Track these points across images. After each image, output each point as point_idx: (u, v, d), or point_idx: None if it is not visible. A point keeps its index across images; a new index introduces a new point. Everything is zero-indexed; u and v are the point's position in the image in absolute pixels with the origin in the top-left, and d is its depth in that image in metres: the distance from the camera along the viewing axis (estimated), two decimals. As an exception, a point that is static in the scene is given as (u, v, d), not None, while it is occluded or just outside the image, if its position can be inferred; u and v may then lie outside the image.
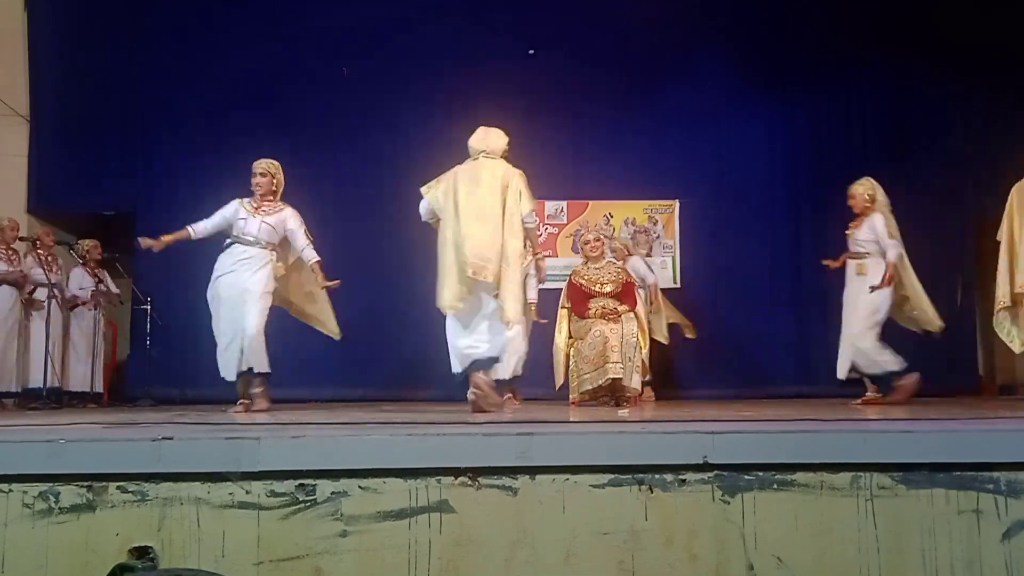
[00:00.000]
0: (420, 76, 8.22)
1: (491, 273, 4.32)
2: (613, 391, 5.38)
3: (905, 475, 2.27)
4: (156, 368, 7.54)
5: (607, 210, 8.51)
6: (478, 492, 2.25)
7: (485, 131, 4.73)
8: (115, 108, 8.33)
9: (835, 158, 8.51)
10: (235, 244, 5.10)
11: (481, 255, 4.31)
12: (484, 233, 4.35)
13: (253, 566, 2.19)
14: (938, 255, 8.36)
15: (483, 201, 4.41)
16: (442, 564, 2.21)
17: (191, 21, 8.31)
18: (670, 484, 2.26)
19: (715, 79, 8.46)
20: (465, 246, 4.33)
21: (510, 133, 4.83)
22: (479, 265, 4.31)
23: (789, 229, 8.52)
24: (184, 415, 4.35)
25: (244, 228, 5.10)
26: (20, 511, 2.19)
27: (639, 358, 5.47)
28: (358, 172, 8.18)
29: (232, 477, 2.22)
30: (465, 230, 4.35)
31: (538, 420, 3.23)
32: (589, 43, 8.35)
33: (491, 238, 4.35)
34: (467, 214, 4.38)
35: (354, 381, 7.89)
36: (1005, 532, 2.25)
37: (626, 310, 5.53)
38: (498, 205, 4.39)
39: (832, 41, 8.43)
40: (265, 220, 5.14)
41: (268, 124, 7.99)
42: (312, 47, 8.33)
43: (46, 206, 8.18)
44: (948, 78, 8.33)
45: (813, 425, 2.78)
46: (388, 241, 7.91)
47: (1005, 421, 3.20)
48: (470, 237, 4.34)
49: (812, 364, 8.16)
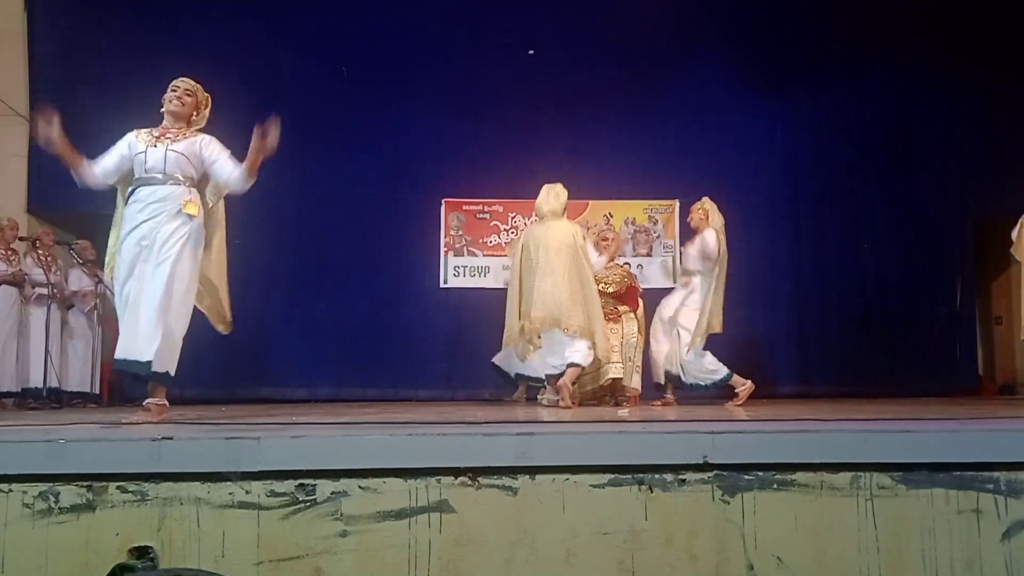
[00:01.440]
0: (420, 76, 8.22)
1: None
2: (613, 391, 5.39)
3: (905, 475, 2.27)
4: (156, 368, 7.53)
5: (607, 210, 8.50)
6: (478, 492, 2.25)
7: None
8: (115, 108, 8.31)
9: (835, 158, 8.52)
10: (140, 188, 3.82)
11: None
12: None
13: (253, 566, 2.19)
14: (938, 255, 8.38)
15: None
16: (442, 564, 2.21)
17: (191, 21, 8.30)
18: (670, 484, 2.26)
19: (715, 79, 8.46)
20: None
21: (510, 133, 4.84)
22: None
23: (789, 229, 8.51)
24: (184, 415, 4.34)
25: (145, 163, 3.82)
26: (20, 511, 2.19)
27: (639, 358, 5.48)
28: (358, 172, 8.18)
29: (232, 477, 2.22)
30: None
31: (538, 420, 3.23)
32: (589, 43, 8.34)
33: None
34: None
35: (354, 381, 7.89)
36: (1005, 532, 2.25)
37: (626, 311, 5.54)
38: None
39: (832, 42, 8.43)
40: (172, 148, 3.88)
41: (268, 124, 7.99)
42: (312, 47, 8.32)
43: (46, 206, 8.17)
44: (948, 78, 8.33)
45: (813, 425, 2.78)
46: (388, 241, 7.91)
47: (1005, 421, 3.20)
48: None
49: (812, 364, 8.17)
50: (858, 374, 8.04)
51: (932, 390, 7.53)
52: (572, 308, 4.87)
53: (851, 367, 8.12)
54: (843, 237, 8.52)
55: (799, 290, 8.40)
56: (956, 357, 8.22)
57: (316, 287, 8.05)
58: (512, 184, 8.37)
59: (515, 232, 8.51)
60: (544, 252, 4.99)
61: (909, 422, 2.90)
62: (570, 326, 4.84)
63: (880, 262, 8.46)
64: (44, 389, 6.52)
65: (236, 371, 7.41)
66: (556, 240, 5.04)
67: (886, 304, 8.37)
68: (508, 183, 8.32)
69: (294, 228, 7.96)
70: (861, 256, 8.51)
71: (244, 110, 8.12)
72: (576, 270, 4.97)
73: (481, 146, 8.26)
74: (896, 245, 8.40)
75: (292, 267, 7.90)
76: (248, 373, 7.63)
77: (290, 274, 7.88)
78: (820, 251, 8.35)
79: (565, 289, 4.90)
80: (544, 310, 4.89)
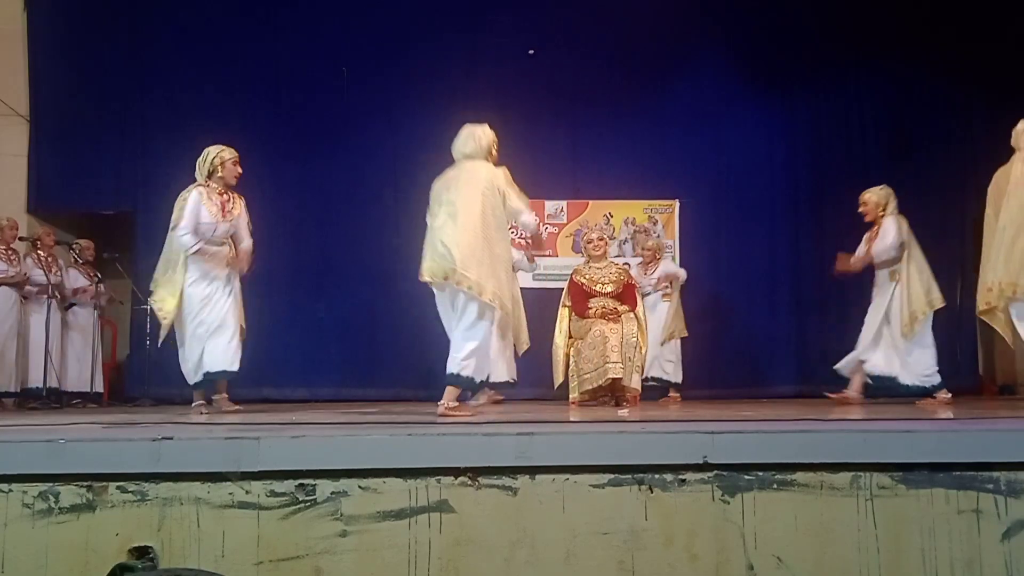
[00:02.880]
0: (420, 76, 8.21)
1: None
2: (613, 391, 5.38)
3: (905, 475, 2.27)
4: (156, 368, 7.53)
5: (607, 210, 8.50)
6: (478, 492, 2.25)
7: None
8: (115, 108, 8.32)
9: (835, 158, 8.52)
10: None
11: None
12: None
13: (253, 566, 2.19)
14: (938, 255, 8.37)
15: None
16: (442, 564, 2.21)
17: (191, 21, 8.30)
18: (670, 484, 2.26)
19: (715, 79, 8.46)
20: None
21: (510, 133, 4.81)
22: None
23: (789, 229, 8.51)
24: (184, 415, 4.35)
25: (212, 233, 4.97)
26: (20, 511, 2.19)
27: (639, 358, 5.47)
28: (358, 172, 8.18)
29: (232, 477, 2.22)
30: None
31: (538, 420, 3.23)
32: (589, 43, 8.34)
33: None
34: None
35: (354, 381, 7.88)
36: (1005, 532, 2.25)
37: (626, 310, 5.53)
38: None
39: (832, 42, 8.43)
40: (228, 220, 5.02)
41: (268, 124, 8.00)
42: (312, 47, 8.33)
43: (46, 206, 8.17)
44: (948, 78, 8.33)
45: (813, 425, 2.78)
46: (388, 241, 7.91)
47: (1005, 421, 3.20)
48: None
49: (812, 364, 8.16)
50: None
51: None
52: (469, 260, 3.98)
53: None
54: (843, 237, 8.51)
55: (799, 290, 8.40)
56: (956, 357, 8.21)
57: (316, 287, 8.05)
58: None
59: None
60: (454, 194, 4.17)
61: (909, 422, 2.90)
62: (463, 280, 3.98)
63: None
64: (44, 389, 6.52)
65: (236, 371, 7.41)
66: (470, 184, 4.18)
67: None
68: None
69: (294, 228, 7.95)
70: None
71: (244, 110, 8.22)
72: (486, 220, 4.08)
73: (481, 146, 8.25)
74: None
75: (292, 267, 7.89)
76: (248, 373, 7.62)
77: (290, 274, 7.87)
78: (820, 251, 8.33)
79: (466, 237, 4.02)
80: (435, 259, 4.05)
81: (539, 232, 5.38)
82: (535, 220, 4.53)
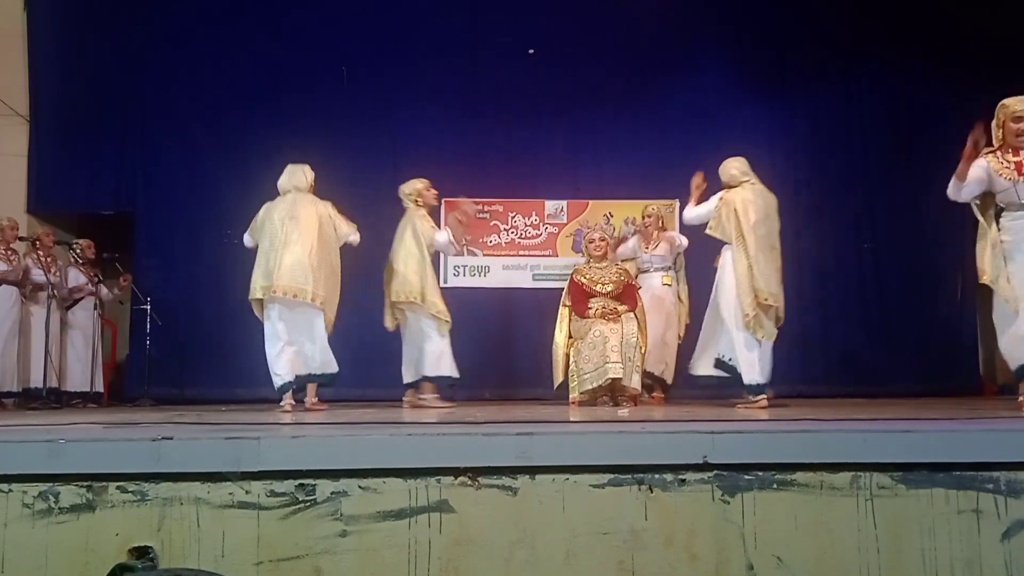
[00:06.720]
0: (420, 76, 8.22)
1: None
2: (613, 391, 5.38)
3: (905, 475, 2.27)
4: (156, 368, 7.54)
5: (607, 210, 8.50)
6: (478, 492, 2.25)
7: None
8: (115, 108, 8.33)
9: (835, 158, 8.51)
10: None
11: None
12: None
13: (253, 566, 2.19)
14: (938, 255, 8.38)
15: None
16: (442, 564, 2.21)
17: (191, 21, 8.30)
18: (670, 484, 2.26)
19: (715, 79, 8.45)
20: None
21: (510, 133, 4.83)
22: None
23: (789, 229, 8.48)
24: (184, 415, 4.35)
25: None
26: (20, 511, 2.19)
27: (639, 358, 5.47)
28: (358, 172, 8.17)
29: (232, 477, 2.22)
30: None
31: (538, 420, 3.23)
32: (589, 43, 8.34)
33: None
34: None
35: (354, 381, 7.88)
36: (1005, 532, 2.25)
37: (626, 310, 5.54)
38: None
39: (833, 41, 8.43)
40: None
41: (268, 124, 7.99)
42: (312, 47, 8.33)
43: (46, 206, 8.18)
44: (949, 78, 8.32)
45: (813, 425, 2.78)
46: (387, 241, 7.90)
47: (1005, 421, 3.20)
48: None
49: (812, 364, 8.16)
50: (858, 374, 8.04)
51: (932, 390, 7.52)
52: (317, 279, 5.14)
53: (851, 367, 8.11)
54: (843, 237, 8.52)
55: (799, 290, 8.39)
56: (956, 357, 8.21)
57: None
58: (512, 184, 8.37)
59: (515, 231, 8.53)
60: (292, 223, 5.18)
61: (909, 422, 2.90)
62: (317, 296, 5.15)
63: (880, 262, 8.46)
64: (44, 389, 6.52)
65: (236, 371, 7.41)
66: (306, 212, 5.26)
67: (886, 304, 8.37)
68: (508, 183, 8.32)
69: (294, 228, 7.94)
70: (861, 256, 8.51)
71: (244, 110, 8.21)
72: (325, 243, 5.28)
73: (481, 146, 8.26)
74: (896, 245, 8.39)
75: (292, 267, 7.88)
76: (248, 373, 7.63)
77: (290, 274, 7.86)
78: (820, 251, 8.33)
79: (313, 259, 5.14)
80: (290, 279, 5.08)
81: (451, 241, 6.07)
82: (444, 237, 5.77)
